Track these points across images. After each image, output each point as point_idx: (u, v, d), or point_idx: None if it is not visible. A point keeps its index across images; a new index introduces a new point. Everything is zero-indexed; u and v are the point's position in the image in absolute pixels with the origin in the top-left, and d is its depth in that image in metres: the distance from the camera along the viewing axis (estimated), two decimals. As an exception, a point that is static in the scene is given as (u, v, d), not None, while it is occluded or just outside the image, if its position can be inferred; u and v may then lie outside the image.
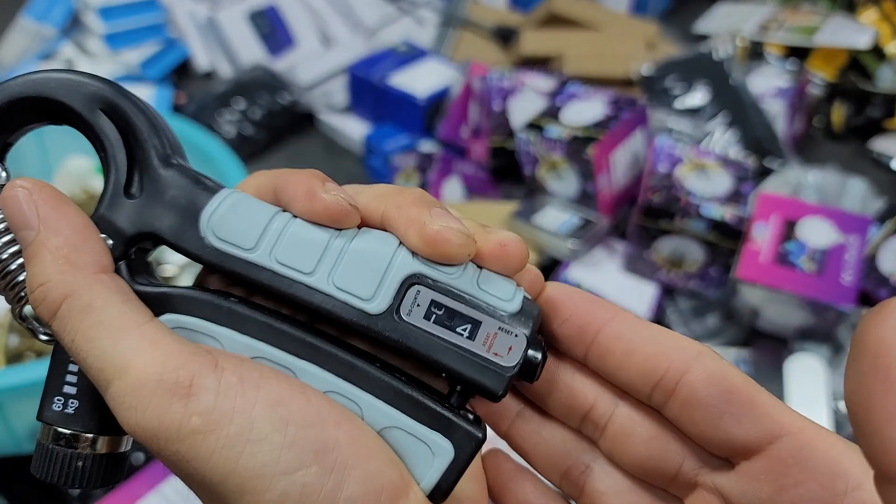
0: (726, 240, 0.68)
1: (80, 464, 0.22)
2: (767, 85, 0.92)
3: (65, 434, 0.22)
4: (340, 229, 0.22)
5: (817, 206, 0.71)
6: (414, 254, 0.22)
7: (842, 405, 0.59)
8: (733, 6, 1.18)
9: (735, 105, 0.88)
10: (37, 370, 0.49)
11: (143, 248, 0.23)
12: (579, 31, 1.05)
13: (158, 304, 0.22)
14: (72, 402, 0.22)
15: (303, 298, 0.22)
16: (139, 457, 0.58)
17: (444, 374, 0.22)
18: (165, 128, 0.24)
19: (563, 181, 0.76)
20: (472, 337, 0.22)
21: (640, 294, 0.71)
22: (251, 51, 1.07)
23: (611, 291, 0.70)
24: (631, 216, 0.74)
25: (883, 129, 0.98)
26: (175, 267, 0.66)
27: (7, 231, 0.22)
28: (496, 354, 0.22)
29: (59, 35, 1.05)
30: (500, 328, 0.22)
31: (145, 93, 0.98)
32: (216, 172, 0.69)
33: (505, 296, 0.22)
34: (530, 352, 0.22)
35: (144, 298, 0.22)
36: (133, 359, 0.20)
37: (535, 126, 0.77)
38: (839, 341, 0.66)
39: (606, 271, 0.73)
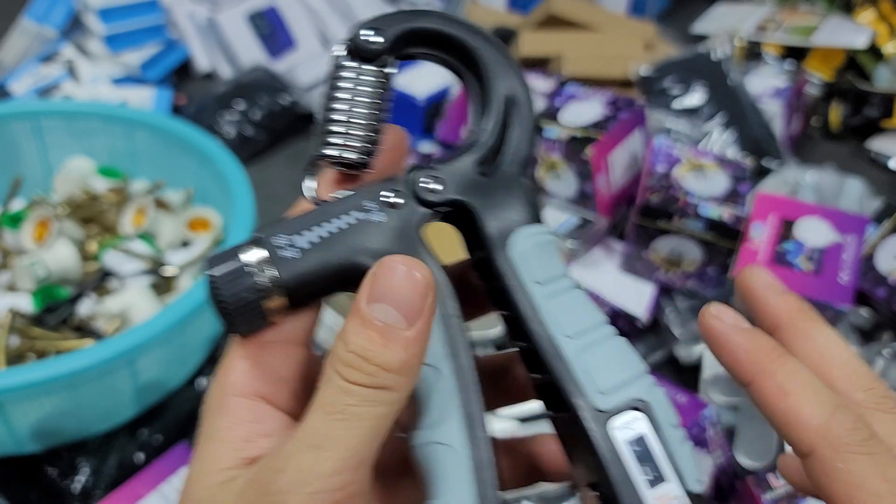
0: (724, 239, 0.68)
1: (246, 287, 0.22)
2: (765, 85, 0.92)
3: (260, 255, 0.22)
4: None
5: (815, 205, 0.71)
6: (654, 384, 0.23)
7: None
8: (731, 7, 1.19)
9: (733, 105, 0.88)
10: (37, 371, 0.49)
11: (454, 213, 0.24)
12: (578, 32, 1.05)
13: (415, 255, 0.23)
14: (293, 251, 0.22)
15: (545, 351, 0.23)
16: (140, 456, 0.58)
17: (600, 493, 0.22)
18: (536, 145, 0.25)
19: (561, 181, 0.76)
20: (652, 486, 0.22)
21: (638, 294, 0.71)
22: (251, 52, 1.07)
23: (609, 291, 0.71)
24: (629, 216, 0.74)
25: (880, 129, 0.98)
26: (175, 268, 0.66)
27: (350, 99, 0.24)
28: None
29: (59, 36, 1.06)
30: (678, 498, 0.22)
31: (145, 94, 0.99)
32: (216, 173, 0.69)
33: (697, 474, 0.22)
34: None
35: (412, 245, 0.23)
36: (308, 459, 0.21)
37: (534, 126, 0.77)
38: (837, 340, 0.66)
39: (605, 271, 0.74)
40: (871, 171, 0.93)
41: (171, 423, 0.61)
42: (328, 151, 0.24)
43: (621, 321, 0.69)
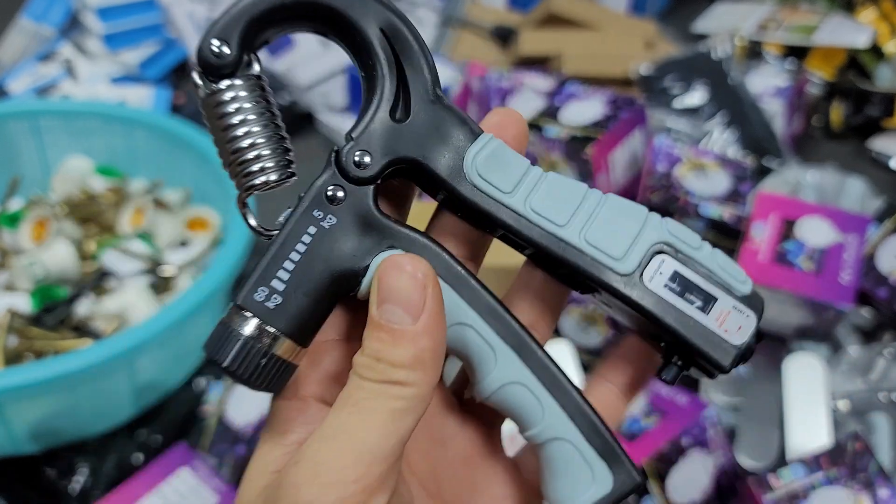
0: (725, 239, 0.68)
1: (255, 354, 0.22)
2: (766, 84, 0.92)
3: (254, 323, 0.22)
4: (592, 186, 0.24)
5: (816, 205, 0.71)
6: (663, 222, 0.23)
7: (841, 404, 0.59)
8: (732, 5, 1.18)
9: (734, 104, 0.88)
10: (35, 371, 0.49)
11: (397, 171, 0.24)
12: (578, 31, 1.05)
13: (390, 236, 0.23)
14: (275, 298, 0.22)
15: (551, 249, 0.23)
16: (138, 457, 0.58)
17: (668, 343, 0.23)
18: (434, 63, 0.24)
19: (561, 181, 0.76)
20: (705, 310, 0.23)
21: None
22: (250, 51, 1.07)
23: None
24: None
25: (881, 129, 0.98)
26: (174, 267, 0.66)
27: (239, 123, 0.23)
28: (726, 331, 0.23)
29: (57, 35, 1.05)
30: (734, 307, 0.23)
31: (144, 93, 0.98)
32: (215, 173, 0.69)
33: (739, 277, 0.23)
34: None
35: (379, 226, 0.23)
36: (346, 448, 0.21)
37: (533, 126, 0.77)
38: (838, 340, 0.66)
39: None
40: (872, 171, 0.92)
41: (169, 423, 0.60)
42: (253, 182, 0.23)
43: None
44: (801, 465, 0.50)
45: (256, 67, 0.23)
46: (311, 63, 1.03)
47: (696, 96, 0.90)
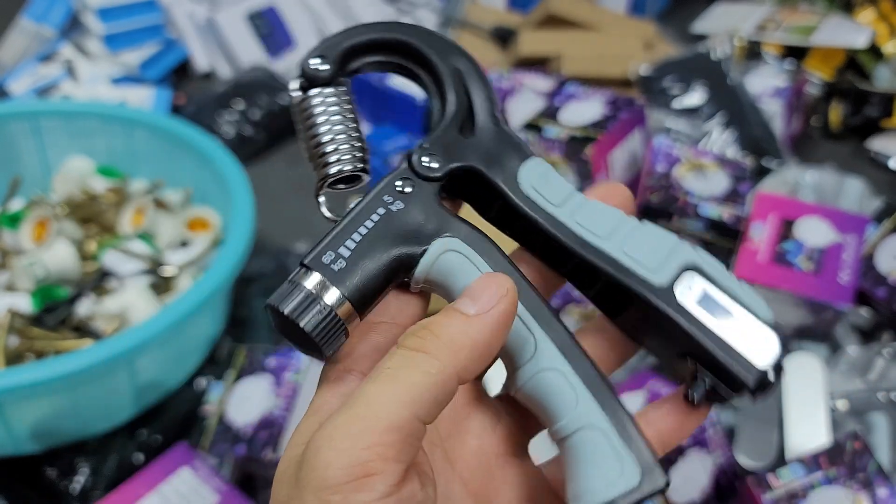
0: (724, 239, 0.68)
1: (315, 308, 0.23)
2: (765, 85, 0.92)
3: (318, 278, 0.24)
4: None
5: (815, 205, 0.71)
6: (694, 246, 0.25)
7: (840, 404, 0.59)
8: (731, 6, 1.19)
9: (733, 105, 0.88)
10: (36, 371, 0.49)
11: (457, 180, 0.27)
12: (577, 32, 1.05)
13: (448, 226, 0.25)
14: (340, 262, 0.24)
15: (591, 259, 0.25)
16: (139, 457, 0.58)
17: (693, 359, 0.24)
18: (494, 94, 0.28)
19: (561, 181, 0.76)
20: (731, 329, 0.24)
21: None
22: (250, 52, 1.07)
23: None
24: (629, 216, 0.74)
25: (880, 129, 0.98)
26: (174, 268, 0.66)
27: (322, 122, 0.26)
28: (751, 352, 0.23)
29: (58, 36, 1.06)
30: (758, 329, 0.24)
31: (144, 94, 0.98)
32: (215, 173, 0.69)
33: (762, 305, 0.24)
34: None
35: (440, 216, 0.25)
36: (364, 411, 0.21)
37: (533, 126, 0.77)
38: (837, 340, 0.66)
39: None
40: (871, 171, 0.92)
41: (170, 423, 0.61)
42: (329, 170, 0.26)
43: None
44: (800, 465, 0.50)
45: (346, 88, 0.27)
46: (311, 64, 1.03)
47: (695, 97, 0.90)
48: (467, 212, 0.28)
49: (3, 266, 0.67)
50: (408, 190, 0.26)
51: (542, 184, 0.26)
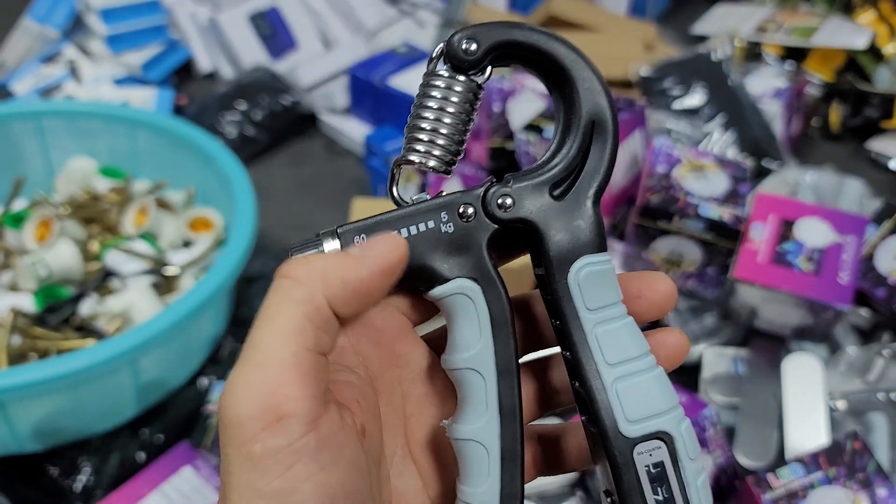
0: (724, 240, 0.68)
1: None
2: (765, 86, 0.92)
3: (337, 245, 0.25)
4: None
5: (815, 206, 0.71)
6: (684, 419, 0.24)
7: (839, 404, 0.60)
8: (731, 7, 1.19)
9: (733, 106, 0.88)
10: (39, 370, 0.49)
11: (520, 229, 0.26)
12: (578, 33, 1.05)
13: (480, 273, 0.25)
14: None
15: (585, 374, 0.24)
16: (141, 456, 0.59)
17: (611, 501, 0.24)
18: (611, 172, 0.26)
19: (562, 182, 0.76)
20: None
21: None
22: (252, 52, 1.07)
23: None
24: (629, 216, 0.74)
25: (880, 130, 0.98)
26: (177, 267, 0.66)
27: (437, 108, 0.25)
28: None
29: (61, 37, 1.06)
30: None
31: (147, 94, 0.99)
32: (218, 173, 0.70)
33: (706, 501, 0.24)
34: None
35: (478, 259, 0.25)
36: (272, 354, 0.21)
37: (534, 127, 0.77)
38: (836, 341, 0.66)
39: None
40: (870, 172, 0.93)
41: (172, 422, 0.61)
42: (412, 157, 0.25)
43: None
44: (799, 465, 0.50)
45: (483, 79, 0.26)
46: (314, 64, 1.04)
47: (695, 98, 0.90)
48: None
49: (7, 266, 0.67)
50: (469, 213, 0.25)
51: (588, 283, 0.25)
